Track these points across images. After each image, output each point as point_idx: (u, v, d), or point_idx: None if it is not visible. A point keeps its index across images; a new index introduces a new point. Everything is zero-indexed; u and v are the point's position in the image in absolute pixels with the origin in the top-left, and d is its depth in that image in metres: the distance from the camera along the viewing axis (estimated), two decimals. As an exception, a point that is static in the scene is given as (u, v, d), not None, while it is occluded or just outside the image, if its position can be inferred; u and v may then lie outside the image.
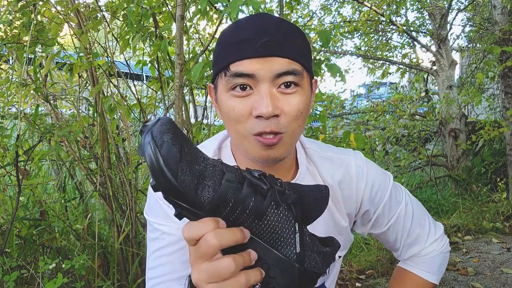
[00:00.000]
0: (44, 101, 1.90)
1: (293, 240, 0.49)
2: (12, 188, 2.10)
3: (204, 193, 0.45)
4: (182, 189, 0.43)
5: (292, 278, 0.49)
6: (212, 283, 0.45)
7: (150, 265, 0.76)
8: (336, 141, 2.81)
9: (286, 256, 0.49)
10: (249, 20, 0.66)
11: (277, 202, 0.48)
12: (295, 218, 0.49)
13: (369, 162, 0.84)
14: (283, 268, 0.49)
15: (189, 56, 2.14)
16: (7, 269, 1.59)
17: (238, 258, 0.45)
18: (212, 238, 0.44)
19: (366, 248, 2.86)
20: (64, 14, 1.81)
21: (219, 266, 0.45)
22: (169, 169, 0.43)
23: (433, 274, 0.89)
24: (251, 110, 0.63)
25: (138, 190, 1.93)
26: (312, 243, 0.52)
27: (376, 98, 6.58)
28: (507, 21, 4.01)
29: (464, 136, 4.76)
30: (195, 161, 0.45)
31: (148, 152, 0.43)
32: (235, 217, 0.47)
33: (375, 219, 0.85)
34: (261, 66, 0.62)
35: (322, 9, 6.02)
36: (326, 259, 0.52)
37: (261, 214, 0.47)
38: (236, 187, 0.46)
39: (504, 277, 2.47)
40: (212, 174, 0.46)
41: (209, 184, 0.45)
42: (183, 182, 0.43)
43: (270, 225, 0.48)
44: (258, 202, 0.47)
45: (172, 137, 0.44)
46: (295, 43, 0.65)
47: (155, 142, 0.43)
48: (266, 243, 0.49)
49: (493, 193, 4.30)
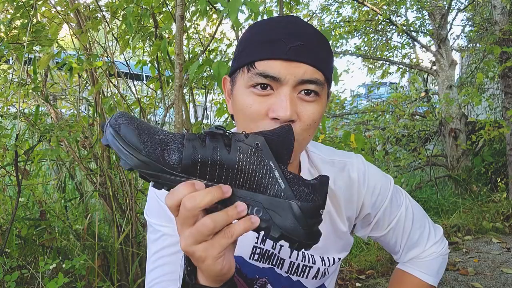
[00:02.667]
0: (44, 101, 1.90)
1: (273, 178, 0.50)
2: (12, 188, 2.10)
3: (171, 157, 0.48)
4: (148, 159, 0.47)
5: (288, 214, 0.49)
6: (197, 244, 0.47)
7: (150, 266, 0.76)
8: (336, 141, 2.81)
9: (273, 195, 0.49)
10: (282, 22, 0.66)
11: (243, 147, 0.49)
12: (266, 157, 0.50)
13: (370, 165, 0.84)
14: (275, 207, 0.49)
15: (189, 56, 2.14)
16: (7, 269, 1.59)
17: (218, 214, 0.47)
18: (188, 201, 0.46)
19: (366, 248, 2.86)
20: (64, 14, 1.81)
21: (199, 226, 0.46)
22: (132, 143, 0.47)
23: (432, 276, 0.89)
24: (267, 111, 0.63)
25: (138, 190, 1.93)
26: (296, 178, 0.52)
27: (376, 98, 6.58)
28: (507, 21, 4.01)
29: (464, 136, 4.76)
30: (154, 132, 0.49)
31: (109, 137, 0.47)
32: (209, 174, 0.48)
33: (375, 222, 0.85)
34: (287, 69, 0.61)
35: (322, 9, 6.02)
36: (318, 190, 0.52)
37: (231, 162, 0.49)
38: (199, 144, 0.48)
39: (504, 277, 2.47)
40: (173, 139, 0.49)
41: (172, 148, 0.48)
42: (148, 152, 0.47)
43: (245, 171, 0.49)
44: (224, 152, 0.49)
45: (127, 119, 0.48)
46: (322, 53, 0.65)
47: (112, 127, 0.48)
48: (250, 189, 0.49)
49: (493, 193, 4.30)
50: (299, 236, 0.49)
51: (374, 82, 6.52)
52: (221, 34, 3.15)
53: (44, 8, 1.86)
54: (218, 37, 3.07)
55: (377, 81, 6.46)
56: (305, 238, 0.50)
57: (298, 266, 0.80)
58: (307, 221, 0.49)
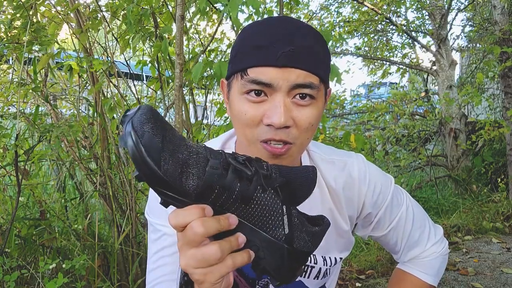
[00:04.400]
0: (44, 101, 1.90)
1: (281, 222, 0.50)
2: (12, 188, 2.10)
3: (189, 181, 0.45)
4: (166, 179, 0.44)
5: (281, 258, 0.50)
6: (199, 268, 0.46)
7: (151, 266, 0.76)
8: (336, 141, 2.81)
9: (275, 238, 0.50)
10: (273, 24, 0.65)
11: (263, 187, 0.49)
12: (282, 201, 0.50)
13: (371, 165, 0.84)
14: (272, 249, 0.50)
15: (189, 56, 2.14)
16: (7, 269, 1.59)
17: (224, 244, 0.46)
18: (198, 226, 0.45)
19: (366, 248, 2.86)
20: (64, 14, 1.81)
21: (205, 253, 0.46)
22: (151, 159, 0.43)
23: (432, 276, 0.89)
24: (262, 117, 0.63)
25: (138, 190, 1.93)
26: (301, 224, 0.52)
27: (376, 98, 6.58)
28: (507, 21, 4.01)
29: (464, 136, 4.76)
30: (178, 149, 0.45)
31: (129, 143, 0.43)
32: (221, 202, 0.47)
33: (376, 222, 0.85)
34: (279, 76, 0.61)
35: (322, 9, 6.02)
36: (316, 238, 0.53)
37: (247, 199, 0.48)
38: (221, 174, 0.46)
39: (504, 277, 2.47)
40: (196, 161, 0.46)
41: (193, 172, 0.45)
42: (166, 171, 0.44)
43: (257, 209, 0.49)
44: (244, 187, 0.47)
45: (153, 126, 0.44)
46: (316, 54, 0.64)
47: (136, 132, 0.43)
48: (255, 225, 0.49)
49: (493, 193, 4.30)
50: (283, 275, 0.51)
51: (374, 82, 6.52)
52: (221, 34, 3.15)
53: (44, 8, 1.86)
54: (218, 37, 3.07)
55: (377, 81, 6.46)
56: (288, 278, 0.51)
57: (299, 266, 0.80)
58: (295, 264, 0.51)
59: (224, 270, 0.47)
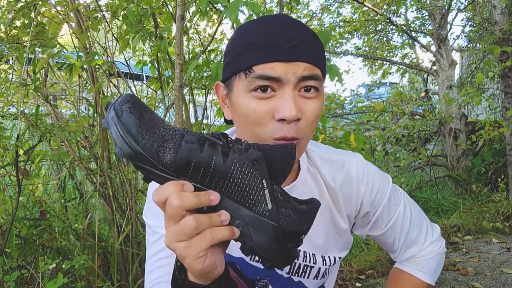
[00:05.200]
0: (44, 101, 1.90)
1: (262, 197, 0.50)
2: (12, 188, 2.10)
3: (166, 155, 0.47)
4: (143, 152, 0.47)
5: (267, 235, 0.49)
6: (179, 241, 0.48)
7: (149, 268, 0.76)
8: (336, 141, 2.81)
9: (258, 214, 0.49)
10: (272, 22, 0.66)
11: (241, 161, 0.49)
12: (261, 175, 0.50)
13: (369, 164, 0.84)
14: (258, 226, 0.49)
15: (189, 56, 2.14)
16: (7, 269, 1.59)
17: (202, 217, 0.47)
18: (175, 200, 0.46)
19: (366, 248, 2.86)
20: (64, 14, 1.81)
21: (182, 224, 0.47)
22: (130, 134, 0.47)
23: (429, 275, 0.90)
24: (273, 113, 0.63)
25: (138, 190, 1.93)
26: (286, 200, 0.52)
27: (376, 98, 6.58)
28: (507, 21, 4.01)
29: (464, 136, 4.76)
30: (155, 126, 0.49)
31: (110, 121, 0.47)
32: (200, 178, 0.49)
33: (374, 220, 0.85)
34: (286, 69, 0.62)
35: (321, 9, 6.02)
36: (304, 217, 0.52)
37: (224, 172, 0.49)
38: (197, 147, 0.48)
39: (504, 277, 2.48)
40: (172, 137, 0.49)
41: (169, 146, 0.48)
42: (144, 146, 0.47)
43: (236, 183, 0.49)
44: (220, 160, 0.48)
45: (131, 106, 0.48)
46: (316, 48, 0.66)
47: (116, 112, 0.48)
48: (237, 202, 0.50)
49: (493, 193, 4.30)
50: (273, 256, 0.50)
51: (374, 82, 6.52)
52: (221, 34, 3.16)
53: (44, 8, 1.86)
54: (218, 37, 3.07)
55: (377, 81, 6.46)
56: (279, 260, 0.51)
57: (300, 266, 0.80)
58: (285, 244, 0.50)
59: (203, 243, 0.47)
